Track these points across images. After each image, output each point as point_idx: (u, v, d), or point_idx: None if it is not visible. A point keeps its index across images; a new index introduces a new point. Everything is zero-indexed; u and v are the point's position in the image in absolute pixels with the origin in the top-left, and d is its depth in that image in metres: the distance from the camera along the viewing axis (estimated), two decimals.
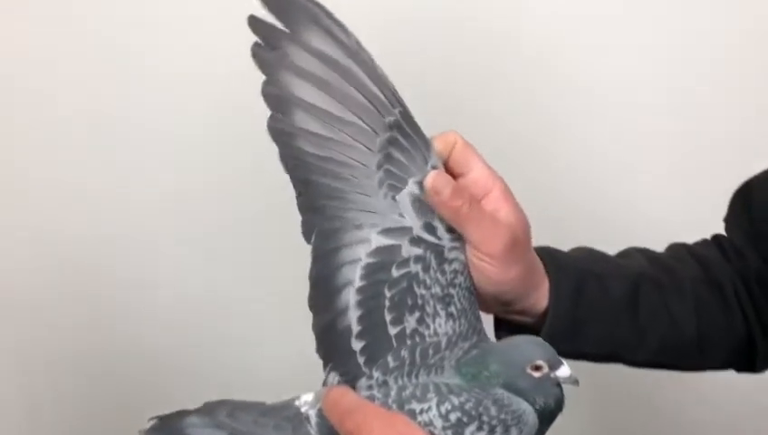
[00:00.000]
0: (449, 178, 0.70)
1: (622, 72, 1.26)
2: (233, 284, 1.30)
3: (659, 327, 0.81)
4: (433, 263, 0.70)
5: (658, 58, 1.26)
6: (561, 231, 0.92)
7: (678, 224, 0.96)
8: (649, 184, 1.29)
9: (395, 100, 0.69)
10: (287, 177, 0.70)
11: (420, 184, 0.70)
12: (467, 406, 0.65)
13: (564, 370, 0.67)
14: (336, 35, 0.68)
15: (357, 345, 0.69)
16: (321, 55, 0.68)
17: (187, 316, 1.31)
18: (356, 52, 0.68)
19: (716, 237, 0.90)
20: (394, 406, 0.66)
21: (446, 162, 0.72)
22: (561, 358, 0.67)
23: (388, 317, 0.69)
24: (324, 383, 0.69)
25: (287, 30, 0.67)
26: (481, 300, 0.74)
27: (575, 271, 0.79)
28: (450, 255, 0.71)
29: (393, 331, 0.69)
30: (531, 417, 0.66)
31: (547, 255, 0.80)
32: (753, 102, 1.26)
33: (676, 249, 0.88)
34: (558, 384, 0.68)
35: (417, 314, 0.69)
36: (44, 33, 1.21)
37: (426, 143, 0.70)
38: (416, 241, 0.70)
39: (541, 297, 0.78)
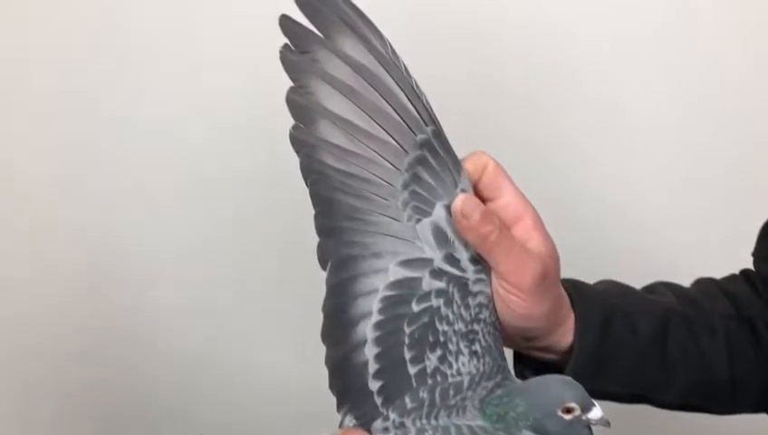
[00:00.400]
0: (479, 202, 0.66)
1: (645, 92, 1.25)
2: (239, 313, 1.28)
3: (689, 365, 0.78)
4: (456, 297, 0.66)
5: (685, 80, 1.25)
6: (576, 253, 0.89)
7: (697, 247, 0.93)
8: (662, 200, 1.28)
9: (428, 116, 0.65)
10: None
11: (448, 207, 0.65)
12: None
13: (596, 411, 0.63)
14: (372, 43, 0.64)
15: (374, 385, 0.65)
16: (353, 63, 0.64)
17: (189, 335, 1.29)
18: (391, 62, 0.64)
19: (745, 272, 0.86)
20: None
21: (476, 185, 0.68)
22: (592, 399, 0.63)
23: (407, 355, 0.65)
24: (341, 425, 0.65)
25: (320, 33, 0.63)
26: (504, 335, 0.70)
27: (601, 306, 0.76)
28: (475, 287, 0.67)
29: (413, 370, 0.65)
30: None
31: (572, 287, 0.76)
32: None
33: (705, 284, 0.85)
34: (588, 427, 0.63)
35: (438, 352, 0.65)
36: (43, 32, 1.20)
37: (456, 165, 0.66)
38: (437, 273, 0.66)
39: (565, 333, 0.74)
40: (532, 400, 0.63)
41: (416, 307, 0.66)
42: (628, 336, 0.76)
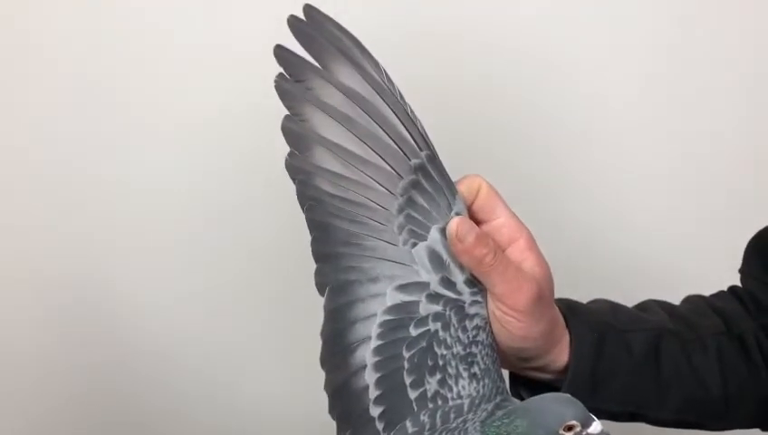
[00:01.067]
0: (473, 224, 0.67)
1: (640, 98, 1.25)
2: (235, 339, 1.27)
3: (683, 382, 0.78)
4: (453, 320, 0.67)
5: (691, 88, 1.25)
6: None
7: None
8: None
9: (423, 141, 0.66)
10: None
11: (443, 230, 0.66)
12: None
13: (596, 426, 0.63)
14: (366, 70, 0.65)
15: (375, 411, 0.65)
16: (348, 91, 0.65)
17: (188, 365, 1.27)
18: (386, 88, 0.65)
19: (733, 289, 0.87)
20: None
21: (470, 208, 0.69)
22: (591, 414, 0.64)
23: (407, 380, 0.65)
24: None
25: (315, 62, 0.64)
26: (501, 356, 0.71)
27: (595, 325, 0.76)
28: (471, 310, 0.67)
29: (413, 394, 0.65)
30: None
31: (566, 307, 0.77)
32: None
33: (695, 302, 0.85)
34: None
35: (438, 376, 0.66)
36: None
37: (451, 188, 0.67)
38: (434, 297, 0.67)
39: (561, 353, 0.74)
40: (533, 419, 0.63)
41: (414, 332, 0.66)
42: (622, 355, 0.77)
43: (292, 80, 0.64)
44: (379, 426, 0.65)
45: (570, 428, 0.63)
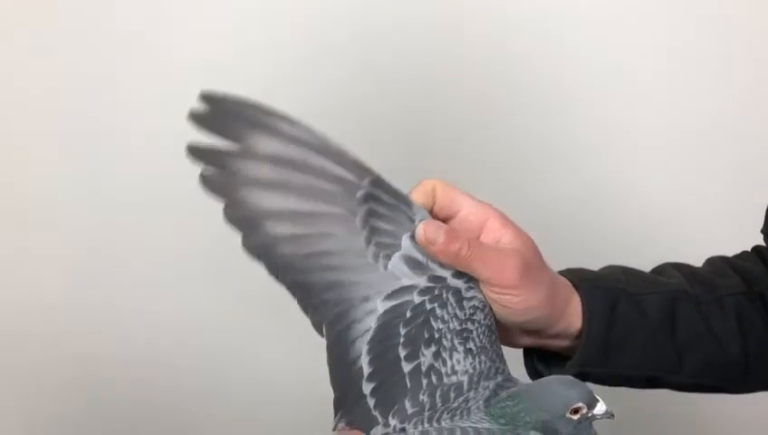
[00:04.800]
0: (439, 223, 0.67)
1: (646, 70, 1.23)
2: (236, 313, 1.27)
3: (700, 346, 0.77)
4: (451, 300, 0.67)
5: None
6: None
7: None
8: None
9: (361, 171, 0.66)
10: None
11: (413, 237, 0.66)
12: None
13: (601, 406, 0.63)
14: (282, 131, 0.64)
15: (367, 388, 0.65)
16: (272, 158, 0.64)
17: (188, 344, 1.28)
18: (307, 140, 0.65)
19: (757, 249, 0.85)
20: None
21: (432, 211, 0.69)
22: (595, 395, 0.63)
23: (402, 353, 0.65)
24: (334, 429, 0.65)
25: (231, 144, 0.63)
26: (511, 335, 0.71)
27: (608, 291, 0.75)
28: (468, 294, 0.68)
29: (407, 367, 0.65)
30: None
31: (577, 275, 0.76)
32: None
33: (715, 263, 0.83)
34: (591, 424, 0.63)
35: (433, 348, 0.66)
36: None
37: (406, 201, 0.67)
38: (427, 289, 0.67)
39: (574, 318, 0.74)
40: (538, 403, 0.63)
41: (410, 314, 0.66)
42: (636, 318, 0.75)
43: (215, 170, 0.64)
44: (371, 402, 0.65)
45: (576, 410, 0.62)
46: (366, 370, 0.65)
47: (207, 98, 0.63)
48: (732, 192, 1.23)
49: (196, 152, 0.63)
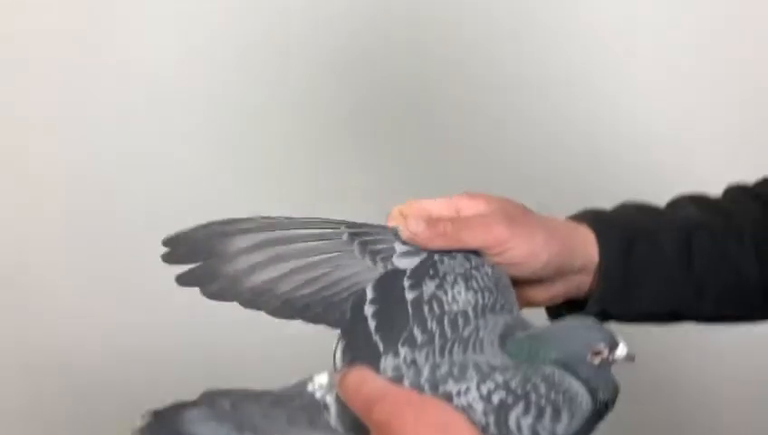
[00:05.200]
0: (413, 213, 0.69)
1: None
2: None
3: (719, 277, 0.77)
4: (458, 256, 0.69)
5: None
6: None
7: None
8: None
9: (332, 223, 0.68)
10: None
11: (403, 244, 0.69)
12: (513, 383, 0.60)
13: (622, 348, 0.63)
14: (247, 228, 0.67)
15: (369, 310, 0.66)
16: (253, 247, 0.67)
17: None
18: (271, 223, 0.68)
19: None
20: (426, 386, 0.61)
21: None
22: (616, 337, 0.63)
23: (406, 283, 0.67)
24: (334, 357, 0.66)
25: (211, 260, 0.66)
26: (540, 290, 0.73)
27: (623, 230, 0.75)
28: (472, 255, 0.69)
29: (410, 295, 0.66)
30: (585, 400, 0.61)
31: (592, 216, 0.76)
32: None
33: (733, 191, 0.83)
34: (610, 371, 0.63)
35: (436, 281, 0.67)
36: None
37: (383, 227, 0.70)
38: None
39: (591, 248, 0.74)
40: (559, 344, 0.62)
41: (418, 262, 0.68)
42: (652, 254, 0.76)
43: (208, 284, 0.66)
44: (372, 325, 0.66)
45: (597, 353, 0.62)
46: (369, 295, 0.67)
47: (168, 242, 0.66)
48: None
49: (185, 281, 0.66)
